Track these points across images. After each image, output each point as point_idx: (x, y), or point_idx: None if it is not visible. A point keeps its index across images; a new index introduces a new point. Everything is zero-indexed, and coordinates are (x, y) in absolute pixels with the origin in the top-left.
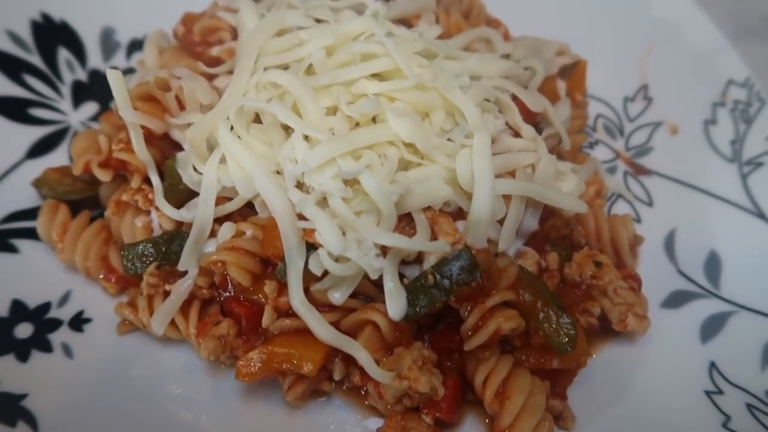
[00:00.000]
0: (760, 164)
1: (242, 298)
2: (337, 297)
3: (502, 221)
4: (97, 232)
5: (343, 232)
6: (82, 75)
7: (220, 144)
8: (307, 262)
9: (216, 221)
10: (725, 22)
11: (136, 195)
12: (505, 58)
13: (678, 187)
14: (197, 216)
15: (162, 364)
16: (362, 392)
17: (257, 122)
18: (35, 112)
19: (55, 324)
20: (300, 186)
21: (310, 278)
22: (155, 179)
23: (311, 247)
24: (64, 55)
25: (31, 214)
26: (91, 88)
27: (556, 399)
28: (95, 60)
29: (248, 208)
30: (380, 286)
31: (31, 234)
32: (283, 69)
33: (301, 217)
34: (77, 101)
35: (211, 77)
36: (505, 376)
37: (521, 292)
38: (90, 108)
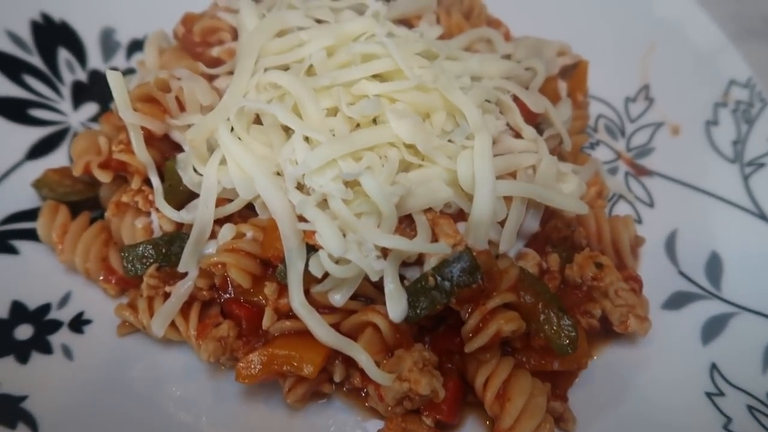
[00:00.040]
0: (762, 165)
1: (242, 300)
2: (338, 299)
3: (502, 222)
4: (97, 234)
5: (343, 234)
6: (82, 75)
7: (220, 145)
8: (307, 263)
9: (216, 222)
10: (727, 23)
11: (136, 196)
12: (506, 58)
13: (679, 187)
14: (197, 217)
15: (162, 365)
16: (363, 394)
17: (258, 123)
18: (35, 112)
19: (55, 325)
20: (300, 187)
21: (311, 280)
22: (155, 180)
23: (312, 248)
24: (64, 56)
25: (31, 215)
26: (91, 89)
27: (556, 401)
28: (95, 60)
29: (248, 209)
30: (381, 288)
31: (31, 235)
32: (283, 70)
33: (302, 218)
34: (77, 102)
35: (212, 78)
36: (506, 378)
37: (522, 294)
38: (90, 108)
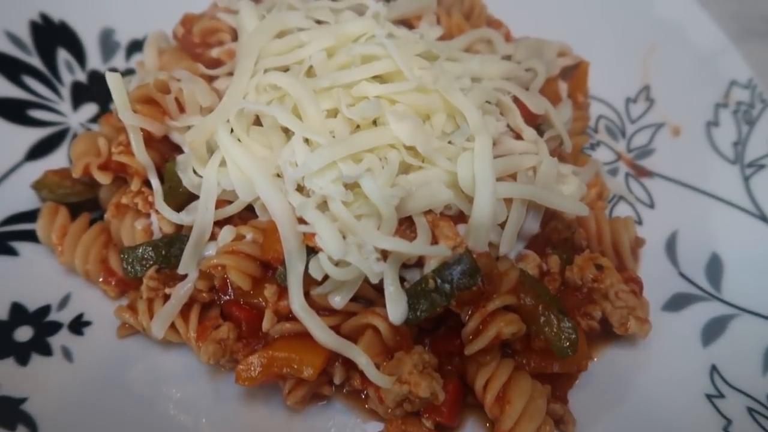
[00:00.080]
0: (763, 166)
1: (242, 302)
2: (338, 301)
3: (503, 224)
4: (97, 235)
5: (343, 236)
6: (81, 76)
7: (219, 147)
8: (307, 266)
9: (216, 224)
10: (727, 22)
11: (136, 198)
12: (506, 59)
13: (680, 188)
14: (197, 219)
15: (162, 367)
16: (362, 396)
17: (258, 125)
18: (34, 113)
19: (54, 327)
20: (300, 189)
21: (311, 282)
22: (155, 182)
23: (312, 251)
24: (63, 56)
25: (30, 216)
26: (90, 90)
27: (556, 403)
28: (95, 61)
29: (248, 211)
30: (381, 290)
31: (30, 236)
32: (283, 71)
33: (302, 220)
34: (77, 102)
35: (211, 79)
36: (506, 380)
37: (522, 296)
38: (89, 109)
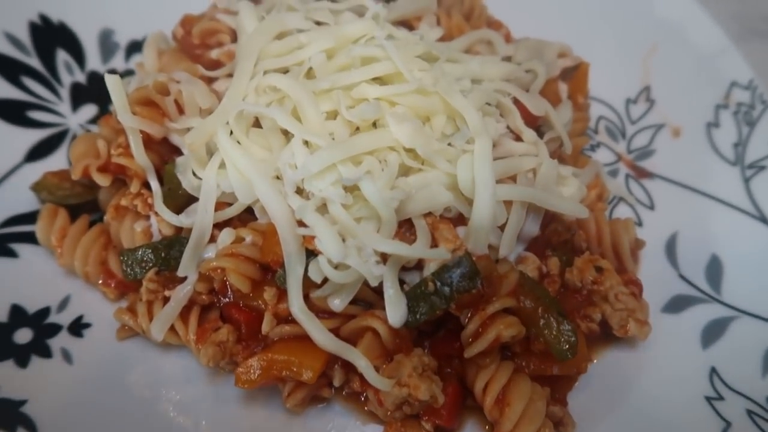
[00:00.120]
0: (763, 168)
1: (242, 304)
2: (337, 304)
3: (502, 227)
4: (96, 237)
5: (342, 239)
6: (80, 77)
7: (219, 149)
8: (306, 268)
9: (215, 226)
10: (728, 22)
11: (136, 200)
12: (506, 60)
13: (680, 190)
14: (196, 221)
15: (162, 369)
16: (362, 398)
17: (257, 126)
18: (34, 114)
19: (54, 329)
20: (300, 192)
21: (310, 285)
22: (154, 184)
23: (311, 253)
24: (62, 57)
25: (30, 218)
26: (90, 90)
27: (556, 405)
28: (94, 62)
29: (248, 213)
30: (380, 293)
31: (30, 238)
32: (283, 72)
33: (301, 223)
34: (76, 103)
35: (210, 80)
36: (506, 383)
37: (522, 299)
38: (89, 110)
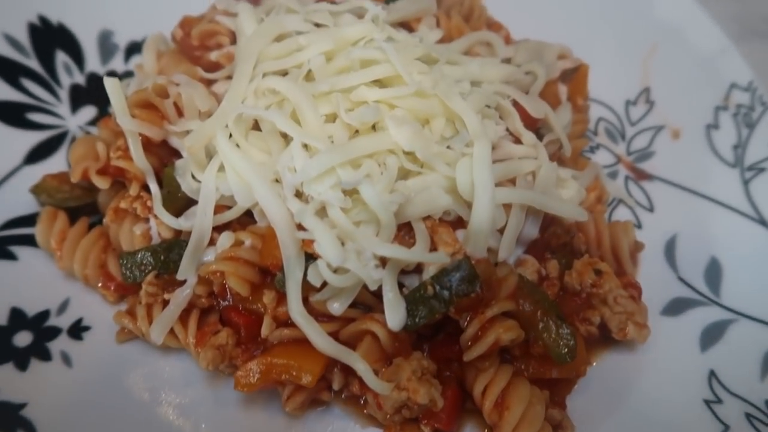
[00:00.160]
0: (763, 170)
1: (241, 308)
2: (336, 307)
3: (501, 230)
4: (96, 240)
5: (342, 243)
6: (80, 79)
7: (218, 152)
8: (306, 272)
9: (215, 230)
10: (728, 23)
11: (135, 202)
12: (506, 62)
13: (679, 192)
14: (196, 225)
15: (161, 372)
16: (361, 401)
17: (256, 129)
18: (33, 116)
19: (54, 332)
20: (299, 195)
21: (309, 288)
22: (154, 187)
23: (310, 257)
24: (61, 59)
25: (29, 220)
26: (89, 92)
27: (555, 408)
28: (93, 63)
29: (247, 216)
30: (379, 296)
31: (29, 241)
32: (282, 75)
33: (300, 227)
34: (75, 105)
35: (210, 82)
36: (505, 386)
37: (521, 302)
38: (88, 112)
